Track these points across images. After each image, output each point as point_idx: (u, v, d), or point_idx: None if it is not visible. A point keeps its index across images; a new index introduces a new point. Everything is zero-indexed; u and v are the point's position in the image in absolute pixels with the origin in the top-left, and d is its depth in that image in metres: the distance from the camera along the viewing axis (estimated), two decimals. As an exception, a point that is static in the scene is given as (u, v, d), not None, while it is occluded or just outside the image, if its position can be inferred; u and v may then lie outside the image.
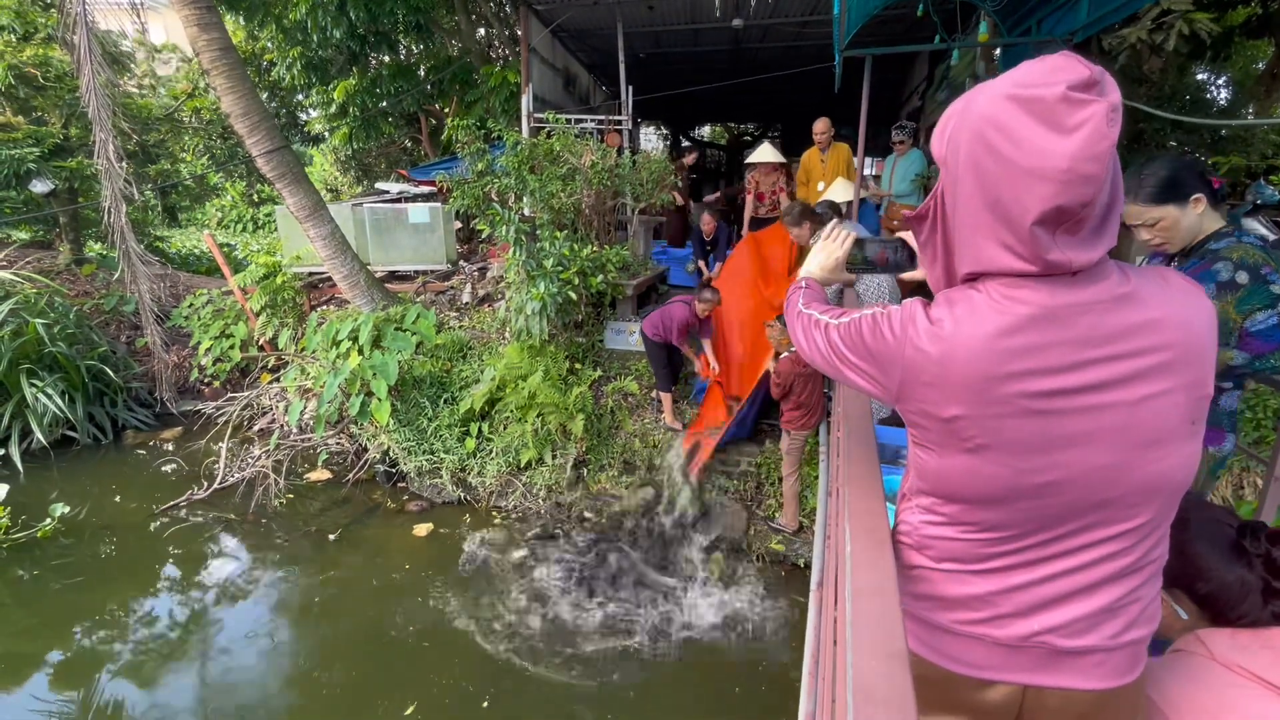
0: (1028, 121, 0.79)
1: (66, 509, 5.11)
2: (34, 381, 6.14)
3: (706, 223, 6.66)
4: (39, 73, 8.14)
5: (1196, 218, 1.75)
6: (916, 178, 5.85)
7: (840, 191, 5.53)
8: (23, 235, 10.02)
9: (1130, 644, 0.94)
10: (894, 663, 0.72)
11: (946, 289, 0.97)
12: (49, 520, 4.99)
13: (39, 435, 6.03)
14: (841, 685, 0.72)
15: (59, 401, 6.15)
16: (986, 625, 0.98)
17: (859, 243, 1.37)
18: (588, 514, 5.17)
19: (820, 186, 6.04)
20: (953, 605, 1.01)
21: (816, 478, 4.73)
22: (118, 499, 5.60)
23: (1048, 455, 0.86)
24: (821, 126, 5.97)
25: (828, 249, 1.39)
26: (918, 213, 1.00)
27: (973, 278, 0.93)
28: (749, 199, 6.71)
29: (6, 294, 6.59)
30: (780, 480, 4.78)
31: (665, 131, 18.59)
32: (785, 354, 4.31)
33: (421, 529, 5.13)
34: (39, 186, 8.13)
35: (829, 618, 2.46)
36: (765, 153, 6.61)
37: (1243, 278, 1.72)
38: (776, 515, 4.75)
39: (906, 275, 1.34)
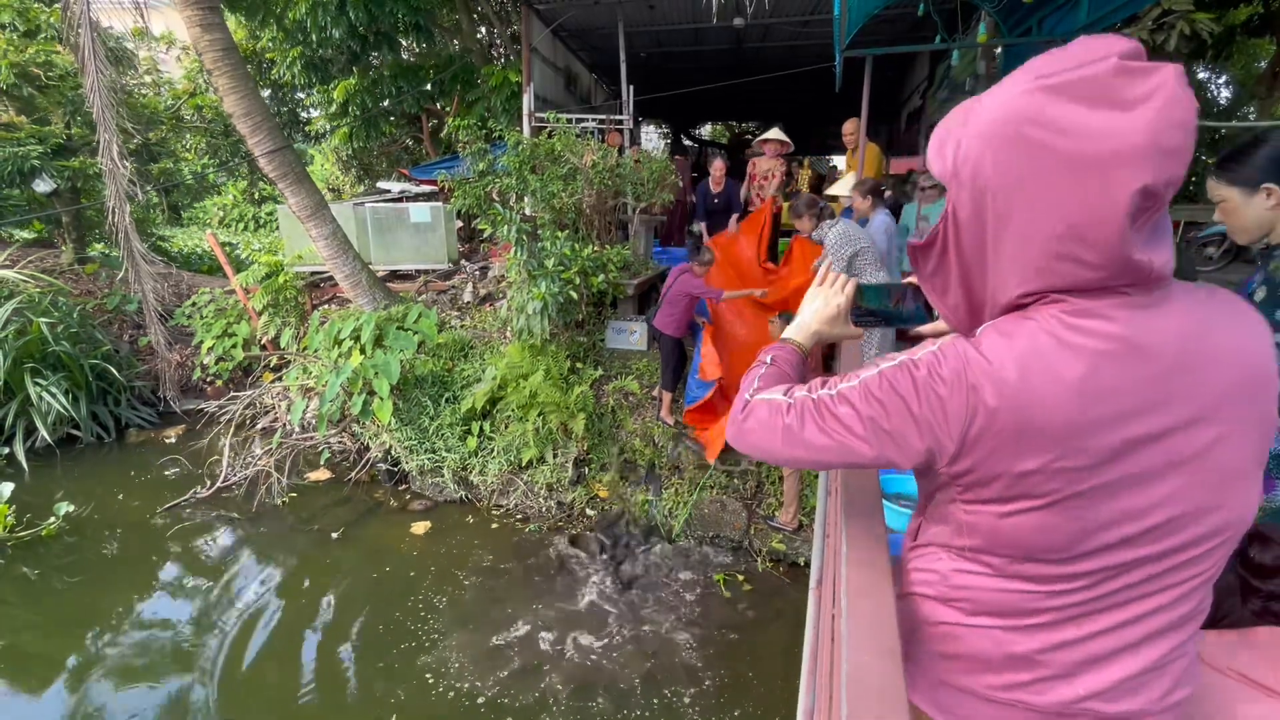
0: (1074, 107, 0.70)
1: (71, 508, 5.14)
2: (38, 380, 6.17)
3: (717, 169, 6.58)
4: (42, 72, 8.17)
5: (1266, 211, 1.51)
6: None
7: (846, 186, 5.54)
8: (26, 234, 10.06)
9: (1176, 705, 0.85)
10: (887, 659, 0.74)
11: (994, 321, 0.82)
12: (53, 519, 5.02)
13: (43, 434, 6.06)
14: (838, 681, 0.74)
15: (62, 400, 6.17)
16: (1025, 690, 0.87)
17: (867, 290, 1.17)
18: (589, 511, 5.21)
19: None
20: (987, 667, 0.89)
21: (817, 476, 4.76)
22: (121, 497, 5.63)
23: (1127, 503, 0.77)
24: (850, 128, 5.92)
25: (824, 296, 1.16)
26: (925, 241, 0.89)
27: (1020, 303, 0.80)
28: (749, 184, 6.71)
29: (10, 293, 6.62)
30: (781, 479, 4.80)
31: (666, 130, 18.60)
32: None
33: (419, 526, 5.16)
34: (42, 186, 8.16)
35: (827, 616, 2.49)
36: (774, 133, 6.62)
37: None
38: (776, 514, 4.77)
39: (927, 328, 1.13)
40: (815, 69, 8.06)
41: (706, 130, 20.27)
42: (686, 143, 18.61)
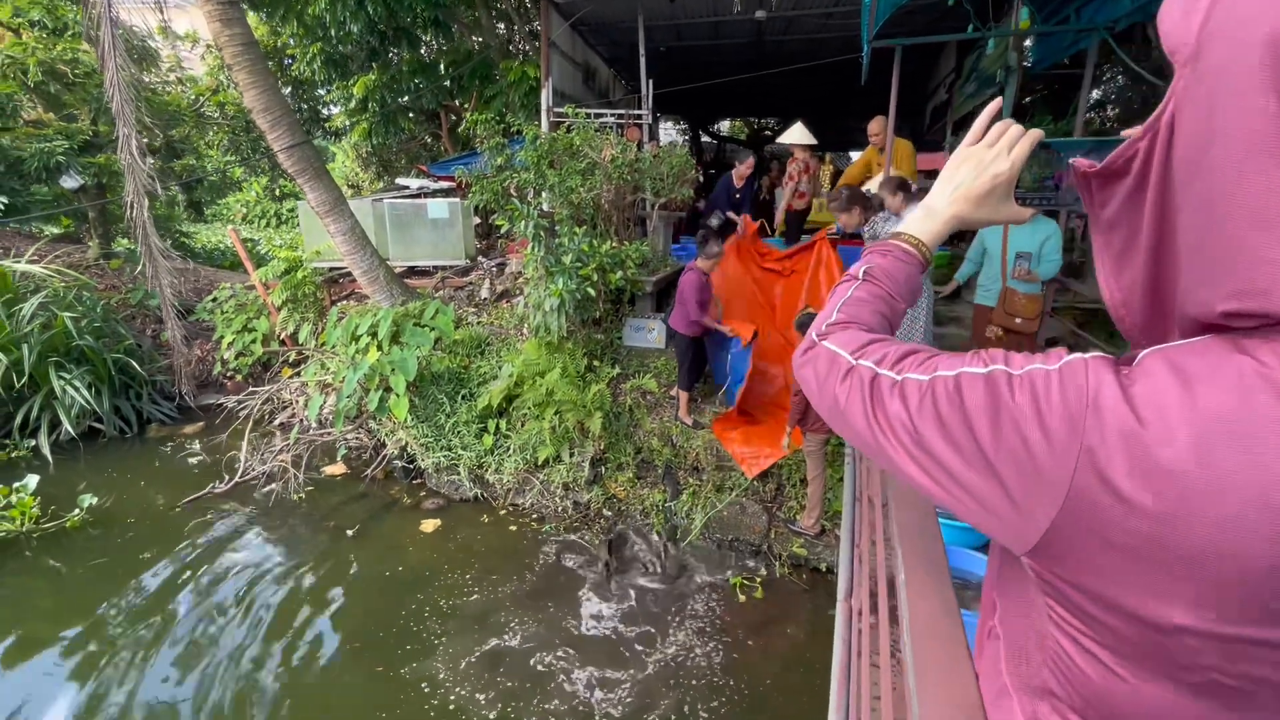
0: None
1: (94, 500, 5.18)
2: (62, 374, 6.23)
3: (747, 165, 6.44)
4: (69, 69, 8.28)
5: None
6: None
7: (876, 184, 5.39)
8: (54, 230, 10.24)
9: None
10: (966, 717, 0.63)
11: (1170, 345, 0.50)
12: (77, 511, 5.06)
13: (67, 427, 6.13)
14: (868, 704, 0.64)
15: (85, 394, 6.23)
16: None
17: (1043, 150, 0.75)
18: (605, 512, 5.13)
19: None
20: None
21: (840, 480, 4.63)
22: (142, 491, 5.67)
23: None
24: (876, 127, 5.74)
25: (980, 161, 0.80)
26: (1106, 164, 0.57)
27: (1224, 323, 0.48)
28: (790, 184, 6.55)
29: (36, 288, 6.71)
30: (803, 482, 4.68)
31: (684, 126, 18.44)
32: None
33: (429, 525, 5.13)
34: (68, 182, 8.28)
35: (859, 630, 2.38)
36: (797, 133, 6.44)
37: None
38: (798, 517, 4.65)
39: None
40: (839, 61, 7.91)
41: (725, 127, 20.07)
42: (705, 139, 18.44)
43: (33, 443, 6.13)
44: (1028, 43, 5.76)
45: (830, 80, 10.39)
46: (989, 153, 0.80)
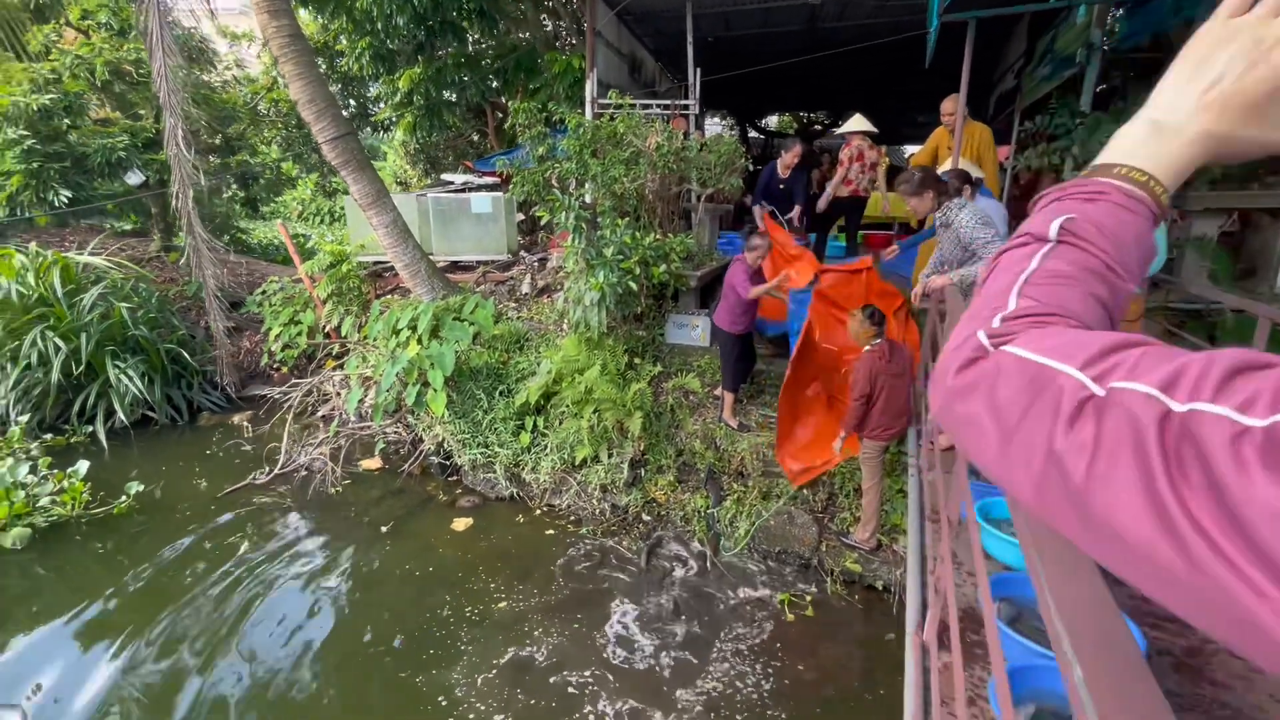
0: None
1: (141, 487, 5.26)
2: (117, 363, 6.40)
3: (793, 153, 6.05)
4: (133, 69, 8.56)
5: None
6: None
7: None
8: (124, 225, 10.67)
9: None
10: None
11: None
12: (124, 497, 5.14)
13: (121, 415, 6.28)
14: None
15: (138, 383, 6.38)
16: None
17: None
18: (644, 516, 4.90)
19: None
20: None
21: (899, 491, 4.28)
22: (189, 478, 5.75)
23: None
24: (950, 106, 5.32)
25: (1254, 37, 0.49)
26: None
27: None
28: (841, 169, 6.26)
29: (97, 279, 6.92)
30: (857, 491, 4.34)
31: (731, 121, 18.05)
32: (868, 348, 3.87)
33: (461, 524, 5.00)
34: (131, 178, 8.56)
35: (936, 671, 2.07)
36: (855, 121, 6.25)
37: None
38: (852, 529, 4.31)
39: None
40: (897, 43, 7.46)
41: (773, 121, 19.57)
42: (752, 134, 18.02)
43: (90, 428, 6.30)
44: (1118, 13, 5.23)
45: (885, 67, 9.89)
46: (1275, 25, 0.48)
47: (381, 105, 10.69)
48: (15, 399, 6.04)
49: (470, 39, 9.66)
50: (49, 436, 6.10)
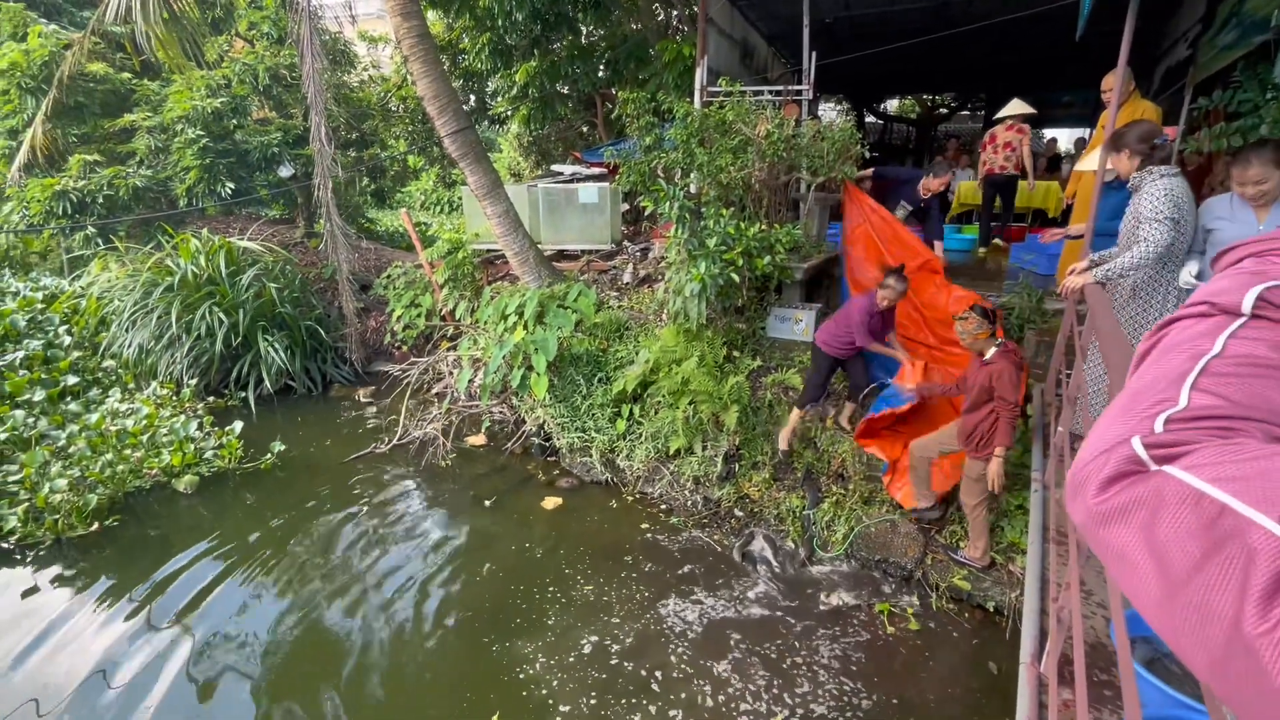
0: None
1: (283, 447, 5.91)
2: (266, 337, 7.19)
3: (940, 182, 5.59)
4: (288, 73, 9.51)
5: None
6: None
7: (1093, 162, 4.44)
8: (274, 213, 11.95)
9: None
10: None
11: None
12: (269, 455, 5.80)
13: (267, 383, 7.07)
14: None
15: (282, 356, 7.14)
16: None
17: None
18: (737, 512, 4.83)
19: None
20: None
21: (1019, 506, 3.92)
22: (321, 442, 6.38)
23: None
24: (1109, 83, 4.78)
25: None
26: None
27: None
28: (985, 152, 6.48)
29: (254, 261, 7.80)
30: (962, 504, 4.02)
31: (846, 106, 17.20)
32: (994, 348, 3.55)
33: (556, 502, 5.17)
34: (284, 171, 9.55)
35: (1053, 704, 1.88)
36: (1014, 106, 6.72)
37: None
38: (961, 544, 4.01)
39: None
40: (1044, 12, 6.73)
41: (893, 105, 18.42)
42: (870, 119, 17.07)
43: (243, 394, 7.15)
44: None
45: (1025, 43, 8.99)
46: None
47: (498, 99, 11.17)
48: (187, 365, 6.95)
49: (584, 31, 9.86)
50: (211, 399, 6.98)
